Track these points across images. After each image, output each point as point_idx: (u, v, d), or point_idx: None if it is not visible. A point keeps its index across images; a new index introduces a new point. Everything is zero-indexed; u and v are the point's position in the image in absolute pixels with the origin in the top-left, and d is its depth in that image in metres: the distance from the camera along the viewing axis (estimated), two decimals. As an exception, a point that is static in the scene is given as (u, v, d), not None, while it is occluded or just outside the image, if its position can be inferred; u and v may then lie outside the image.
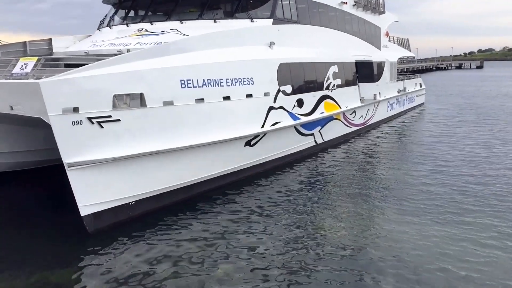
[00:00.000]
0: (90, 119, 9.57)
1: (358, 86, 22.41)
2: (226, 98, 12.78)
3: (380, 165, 16.29)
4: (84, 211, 9.74)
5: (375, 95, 23.97)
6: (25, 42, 16.14)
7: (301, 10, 17.62)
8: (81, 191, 9.60)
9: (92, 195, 9.86)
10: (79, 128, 9.43)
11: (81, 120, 9.44)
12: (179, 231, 10.21)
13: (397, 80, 29.70)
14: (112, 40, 14.87)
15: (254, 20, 15.32)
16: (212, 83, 12.37)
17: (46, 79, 8.91)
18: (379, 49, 27.17)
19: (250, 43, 14.55)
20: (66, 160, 9.29)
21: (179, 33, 14.54)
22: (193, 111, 11.81)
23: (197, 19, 15.50)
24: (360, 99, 22.46)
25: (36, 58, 9.44)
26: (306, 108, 16.93)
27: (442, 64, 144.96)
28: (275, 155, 15.45)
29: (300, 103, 16.44)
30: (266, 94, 14.46)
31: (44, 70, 9.54)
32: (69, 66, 10.99)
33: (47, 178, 13.97)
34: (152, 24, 15.76)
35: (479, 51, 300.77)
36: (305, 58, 17.08)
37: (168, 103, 11.13)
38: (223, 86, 12.72)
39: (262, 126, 14.28)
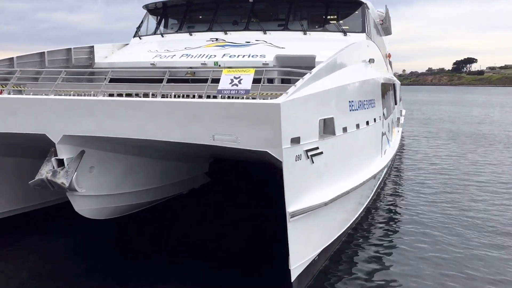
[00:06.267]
0: (306, 152, 7.17)
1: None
2: (368, 122, 10.82)
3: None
4: (294, 274, 7.23)
5: (398, 118, 23.02)
6: (69, 49, 12.96)
7: (369, 25, 16.07)
8: (296, 248, 7.12)
9: (301, 253, 7.38)
10: (300, 165, 6.97)
11: (300, 154, 6.99)
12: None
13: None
14: (182, 50, 12.35)
15: (347, 34, 13.47)
16: (362, 105, 10.33)
17: (285, 99, 6.41)
18: (388, 71, 26.41)
19: (356, 60, 12.68)
20: (290, 208, 6.80)
21: (270, 44, 12.34)
22: (355, 138, 9.67)
23: (283, 29, 13.44)
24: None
25: (252, 70, 6.80)
26: (390, 132, 15.35)
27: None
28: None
29: (388, 127, 14.82)
30: (380, 118, 12.66)
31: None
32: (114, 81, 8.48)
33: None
34: (226, 34, 13.40)
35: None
36: (386, 79, 15.55)
37: (344, 130, 8.92)
38: (366, 108, 10.75)
39: (382, 156, 12.44)
